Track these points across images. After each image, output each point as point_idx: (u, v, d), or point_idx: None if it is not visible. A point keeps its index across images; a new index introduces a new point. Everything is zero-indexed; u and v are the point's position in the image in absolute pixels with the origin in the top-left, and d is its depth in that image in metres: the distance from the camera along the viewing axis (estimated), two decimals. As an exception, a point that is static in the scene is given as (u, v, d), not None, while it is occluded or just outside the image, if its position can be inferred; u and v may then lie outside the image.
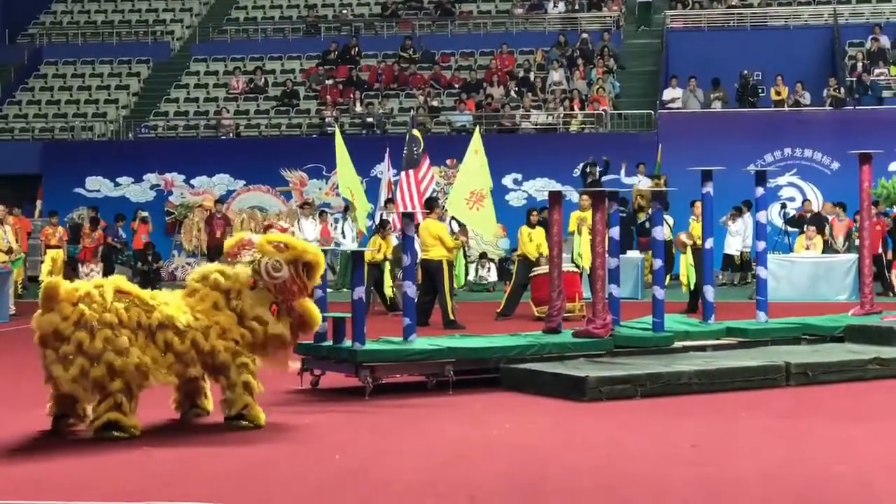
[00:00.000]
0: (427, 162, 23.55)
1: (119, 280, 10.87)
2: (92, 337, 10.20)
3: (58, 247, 26.47)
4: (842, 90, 31.59)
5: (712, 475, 8.85)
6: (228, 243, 11.38)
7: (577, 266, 21.06)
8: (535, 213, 21.85)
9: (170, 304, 10.74)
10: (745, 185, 23.93)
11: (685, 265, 21.43)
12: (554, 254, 14.57)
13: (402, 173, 23.14)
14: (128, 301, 10.52)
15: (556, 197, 14.72)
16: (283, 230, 11.66)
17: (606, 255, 14.22)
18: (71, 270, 25.91)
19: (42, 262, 25.76)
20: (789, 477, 8.80)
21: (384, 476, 8.99)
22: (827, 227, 26.39)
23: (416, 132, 24.01)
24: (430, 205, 20.51)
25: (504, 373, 13.05)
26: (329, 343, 12.95)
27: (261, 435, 10.60)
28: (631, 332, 14.48)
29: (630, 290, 23.26)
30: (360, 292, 12.73)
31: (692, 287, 20.87)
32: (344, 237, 27.87)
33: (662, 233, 15.18)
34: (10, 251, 22.86)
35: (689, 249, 21.25)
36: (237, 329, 10.75)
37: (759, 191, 15.79)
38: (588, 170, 28.77)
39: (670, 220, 22.95)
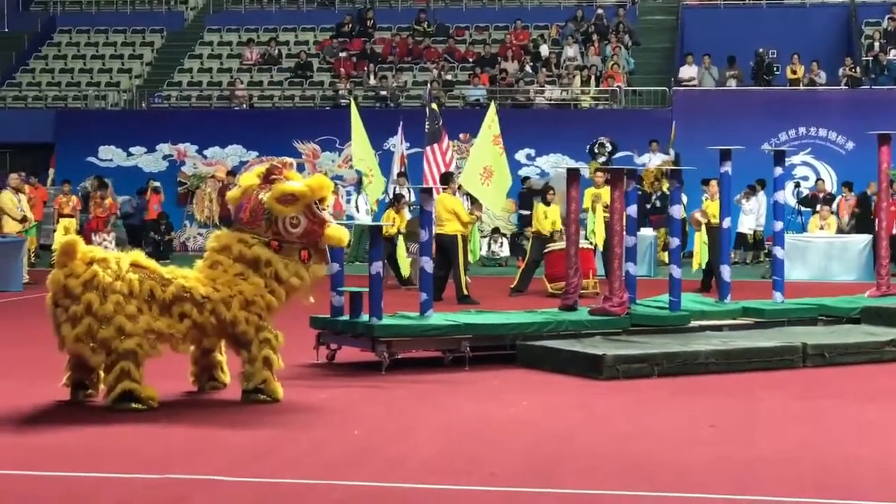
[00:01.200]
0: (446, 136, 23.53)
1: (137, 255, 10.89)
2: (103, 299, 10.21)
3: (71, 216, 26.50)
4: (857, 70, 31.46)
5: (732, 456, 8.83)
6: (233, 195, 11.22)
7: (591, 243, 21.02)
8: (551, 191, 21.75)
9: (188, 277, 10.73)
10: (759, 164, 23.94)
11: (699, 243, 21.34)
12: (571, 231, 14.54)
13: (428, 148, 23.13)
14: (143, 274, 10.52)
15: (573, 174, 14.68)
16: (283, 166, 11.38)
17: (624, 234, 14.17)
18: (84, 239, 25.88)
19: (55, 230, 25.84)
20: (809, 459, 8.78)
21: (402, 452, 9.00)
22: (835, 205, 26.39)
23: (433, 106, 23.95)
24: (446, 179, 20.48)
25: (520, 349, 13.04)
26: (346, 318, 12.93)
27: (279, 409, 10.60)
28: (647, 310, 14.45)
29: (643, 269, 23.20)
30: (377, 267, 12.70)
31: (703, 266, 20.80)
32: (357, 210, 27.79)
33: (679, 211, 15.14)
34: (24, 220, 22.86)
35: (703, 227, 21.16)
36: (266, 297, 10.69)
37: (778, 170, 15.70)
38: (597, 150, 28.62)
39: (683, 199, 22.86)
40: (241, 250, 10.78)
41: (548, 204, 21.27)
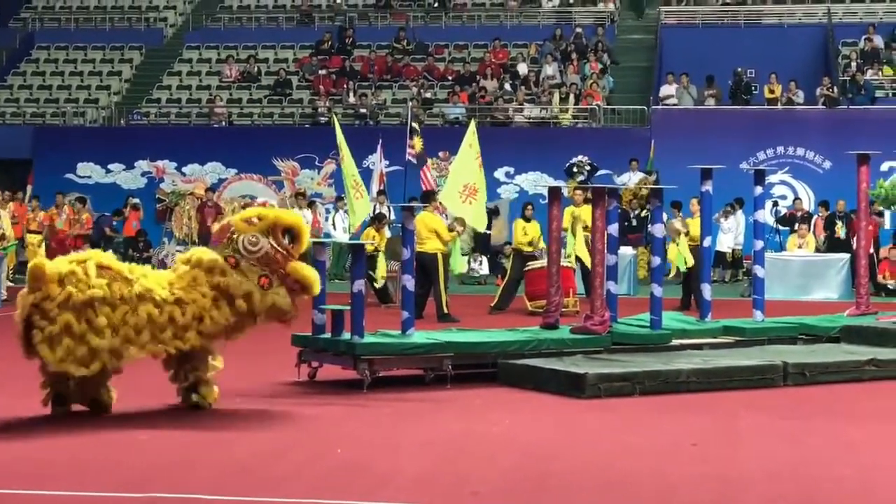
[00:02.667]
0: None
1: (99, 255, 11.12)
2: (78, 318, 10.40)
3: (38, 232, 26.49)
4: (835, 89, 31.63)
5: (715, 474, 8.86)
6: (214, 230, 11.64)
7: (569, 263, 20.99)
8: (530, 207, 21.81)
9: (148, 276, 10.98)
10: (737, 183, 24.09)
11: (674, 252, 21.28)
12: (552, 249, 14.57)
13: (423, 168, 23.32)
14: (109, 276, 10.71)
15: (555, 192, 14.71)
16: (262, 205, 11.84)
17: (605, 252, 14.20)
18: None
19: (24, 247, 25.87)
20: (792, 477, 8.81)
21: (387, 470, 8.99)
22: (812, 224, 26.54)
23: (415, 125, 24.03)
24: (427, 198, 20.50)
25: (502, 368, 13.04)
26: (327, 335, 12.93)
27: (262, 426, 10.60)
28: (629, 329, 14.47)
29: (623, 287, 23.23)
30: (359, 285, 12.71)
31: (687, 265, 20.80)
32: (334, 228, 27.80)
33: (661, 230, 15.19)
34: (3, 237, 22.77)
35: (682, 238, 21.16)
36: (215, 310, 10.91)
37: (758, 189, 15.78)
38: (575, 169, 28.64)
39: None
40: (199, 257, 11.14)
41: (527, 220, 21.29)
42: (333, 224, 27.94)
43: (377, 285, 21.68)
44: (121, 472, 8.83)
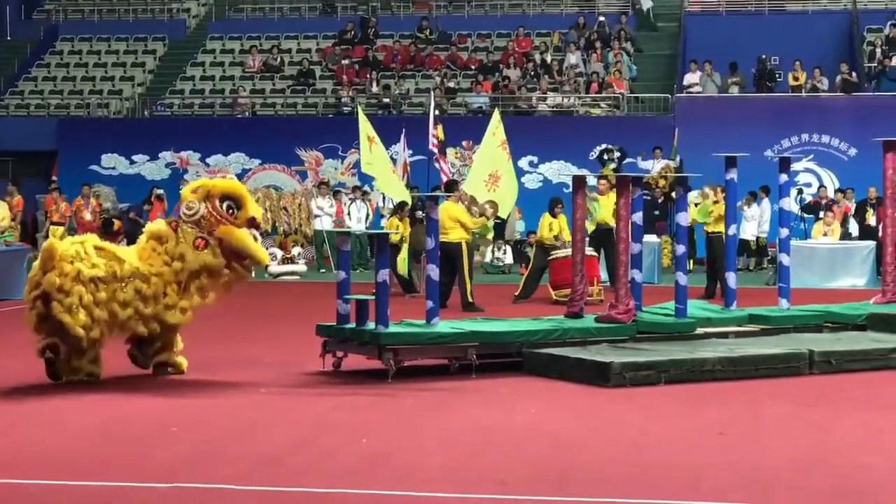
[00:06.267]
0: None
1: (94, 238, 12.38)
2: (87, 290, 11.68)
3: (60, 223, 26.61)
4: (854, 75, 31.47)
5: (743, 463, 8.83)
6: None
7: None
8: (560, 205, 21.47)
9: (130, 254, 12.25)
10: (761, 171, 24.00)
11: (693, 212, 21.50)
12: (577, 238, 14.52)
13: (440, 158, 23.33)
14: (105, 256, 11.98)
15: (578, 181, 14.66)
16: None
17: (630, 240, 14.16)
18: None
19: (45, 237, 25.95)
20: (821, 466, 8.78)
21: (412, 461, 8.98)
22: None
23: (436, 113, 24.05)
24: (450, 187, 20.47)
25: (527, 357, 13.02)
26: (352, 325, 12.92)
27: (287, 417, 10.62)
28: (653, 317, 14.40)
29: (646, 275, 23.17)
30: (384, 275, 12.69)
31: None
32: (349, 218, 27.77)
33: (686, 218, 15.12)
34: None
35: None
36: (162, 271, 12.08)
37: (783, 177, 15.67)
38: (605, 157, 28.60)
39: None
40: (149, 228, 12.54)
41: (555, 216, 21.16)
42: (349, 214, 27.91)
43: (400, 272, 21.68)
44: (148, 462, 8.84)
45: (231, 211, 12.28)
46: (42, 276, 11.63)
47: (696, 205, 21.69)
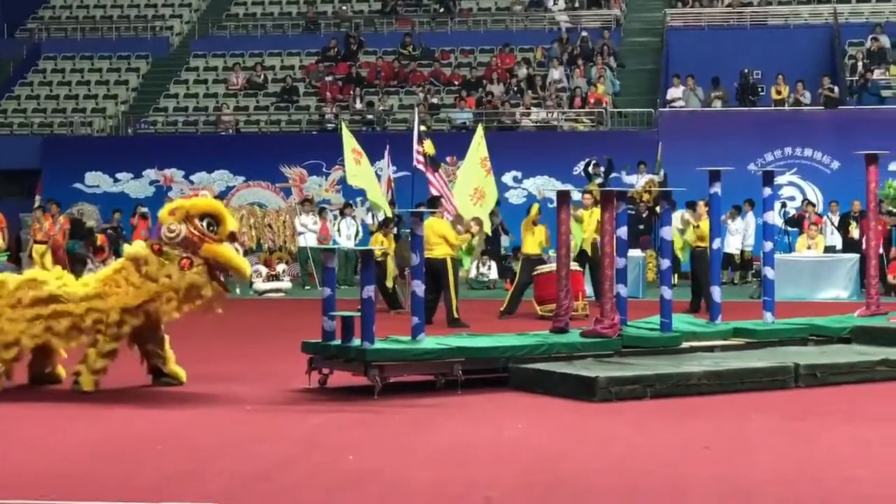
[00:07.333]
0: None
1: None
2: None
3: (44, 241, 26.57)
4: (835, 89, 31.61)
5: (729, 476, 8.83)
6: None
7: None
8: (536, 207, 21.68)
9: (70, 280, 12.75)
10: (744, 184, 24.09)
11: (679, 242, 21.45)
12: (561, 253, 14.55)
13: (435, 175, 23.27)
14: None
15: (563, 196, 14.69)
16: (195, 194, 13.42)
17: (615, 255, 14.18)
18: (80, 264, 25.78)
19: (29, 256, 25.97)
20: (807, 479, 8.79)
21: (399, 476, 8.97)
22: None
23: (423, 128, 24.05)
24: (434, 203, 20.47)
25: (513, 372, 13.02)
26: (337, 342, 12.91)
27: (273, 433, 10.59)
28: (639, 332, 14.44)
29: (631, 289, 23.19)
30: (369, 291, 12.69)
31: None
32: (339, 234, 27.82)
33: (669, 232, 15.16)
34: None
35: (689, 229, 21.29)
36: (136, 292, 12.33)
37: (767, 191, 15.74)
38: (591, 170, 28.67)
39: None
40: (127, 251, 12.69)
41: (535, 224, 21.24)
42: (339, 230, 27.95)
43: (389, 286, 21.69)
44: (133, 480, 8.81)
45: (211, 228, 12.41)
46: None
47: (680, 231, 21.71)
